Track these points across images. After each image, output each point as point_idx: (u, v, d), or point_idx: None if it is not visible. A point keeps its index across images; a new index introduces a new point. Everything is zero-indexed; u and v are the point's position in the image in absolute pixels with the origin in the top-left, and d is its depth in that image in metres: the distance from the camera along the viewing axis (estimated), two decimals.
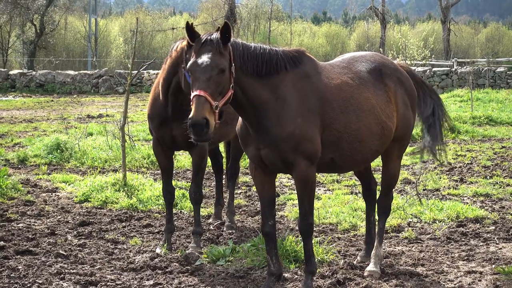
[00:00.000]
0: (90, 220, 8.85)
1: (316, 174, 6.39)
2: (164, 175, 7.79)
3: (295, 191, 10.78)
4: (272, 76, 5.78)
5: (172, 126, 7.37)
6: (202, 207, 9.50)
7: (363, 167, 6.98)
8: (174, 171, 12.50)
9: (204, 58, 5.48)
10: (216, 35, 5.59)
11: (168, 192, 7.81)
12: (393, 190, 7.00)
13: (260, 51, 5.79)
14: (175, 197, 9.70)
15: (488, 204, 9.87)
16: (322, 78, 6.02)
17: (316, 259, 6.95)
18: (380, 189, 6.98)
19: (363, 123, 6.11)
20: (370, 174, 7.28)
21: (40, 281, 6.35)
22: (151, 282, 6.46)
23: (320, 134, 5.86)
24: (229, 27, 5.55)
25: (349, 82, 6.18)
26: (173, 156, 12.99)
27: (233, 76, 5.56)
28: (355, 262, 6.95)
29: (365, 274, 6.58)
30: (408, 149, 7.92)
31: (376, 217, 7.03)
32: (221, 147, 9.84)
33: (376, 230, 6.87)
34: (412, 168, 12.96)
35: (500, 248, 7.61)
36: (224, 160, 9.64)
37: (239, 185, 11.02)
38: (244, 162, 12.16)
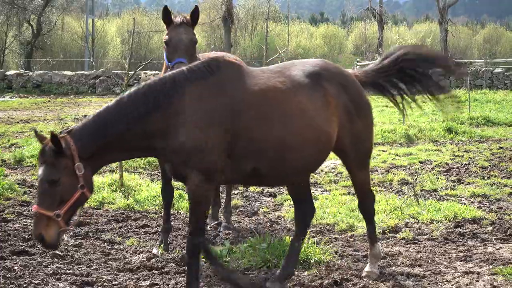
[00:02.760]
0: (87, 220, 8.83)
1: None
2: (164, 175, 7.77)
3: None
4: (161, 106, 5.44)
5: None
6: None
7: (301, 179, 6.39)
8: None
9: (39, 172, 5.32)
10: (48, 147, 5.29)
11: (167, 191, 7.79)
12: (370, 190, 6.61)
13: (132, 101, 5.44)
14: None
15: (486, 204, 9.86)
16: (242, 85, 5.68)
17: (313, 260, 6.96)
18: (356, 196, 6.82)
19: (291, 129, 5.69)
20: (305, 192, 6.52)
21: (36, 282, 6.33)
22: (148, 282, 6.44)
23: (231, 145, 5.50)
24: (57, 139, 5.21)
25: (277, 86, 5.79)
26: None
27: (79, 176, 5.30)
28: None
29: (363, 274, 6.56)
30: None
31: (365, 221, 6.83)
32: None
33: (368, 232, 6.77)
34: (409, 168, 12.95)
35: (498, 249, 7.60)
36: None
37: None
38: None
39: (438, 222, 8.72)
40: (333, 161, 13.64)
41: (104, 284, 6.37)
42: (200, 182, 5.47)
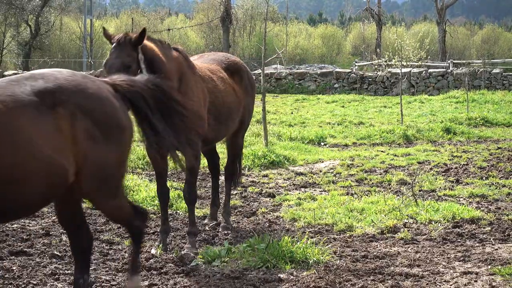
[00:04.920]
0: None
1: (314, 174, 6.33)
2: (159, 177, 7.76)
3: (291, 192, 10.80)
4: None
5: None
6: (198, 208, 9.48)
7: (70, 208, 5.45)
8: (169, 172, 12.47)
9: None
10: None
11: (163, 193, 7.78)
12: (124, 220, 5.65)
13: None
14: (170, 198, 9.69)
15: (484, 205, 9.86)
16: None
17: (312, 260, 6.96)
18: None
19: (17, 159, 4.69)
20: (79, 218, 5.51)
21: (35, 282, 6.32)
22: (146, 283, 6.43)
23: None
24: None
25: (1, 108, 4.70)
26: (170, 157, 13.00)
27: None
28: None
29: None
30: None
31: None
32: (221, 147, 9.81)
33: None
34: (408, 169, 12.95)
35: (496, 249, 7.60)
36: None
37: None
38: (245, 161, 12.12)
39: (436, 222, 8.72)
40: (331, 162, 13.65)
41: (103, 284, 6.36)
42: None
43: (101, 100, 5.14)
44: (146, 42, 7.08)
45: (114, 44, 6.95)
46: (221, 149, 11.91)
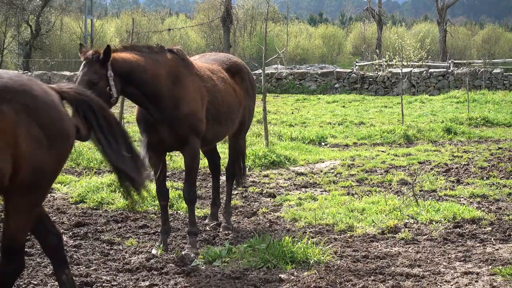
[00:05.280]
0: (86, 221, 8.83)
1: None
2: (157, 177, 7.75)
3: (292, 192, 10.80)
4: None
5: (158, 129, 7.33)
6: (199, 208, 9.49)
7: None
8: (170, 172, 12.48)
9: None
10: None
11: (162, 193, 7.77)
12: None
13: None
14: (171, 198, 9.71)
15: (485, 205, 9.86)
16: None
17: (313, 260, 6.96)
18: None
19: None
20: (45, 226, 5.26)
21: (35, 282, 6.32)
22: (147, 283, 6.43)
23: None
24: None
25: None
26: (170, 157, 13.00)
27: None
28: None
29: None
30: None
31: None
32: (222, 147, 9.81)
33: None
34: (408, 169, 12.95)
35: (497, 249, 7.60)
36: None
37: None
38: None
39: (437, 222, 8.72)
40: (332, 162, 13.65)
41: (103, 284, 6.36)
42: None
43: (46, 104, 4.91)
44: (121, 55, 7.05)
45: (83, 61, 6.96)
46: (222, 149, 11.93)
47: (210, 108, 7.68)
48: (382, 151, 15.25)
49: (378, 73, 35.23)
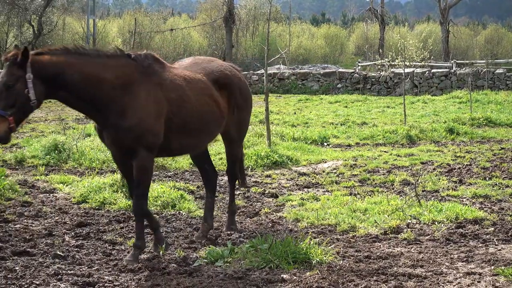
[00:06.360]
0: (88, 221, 8.82)
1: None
2: (127, 183, 7.56)
3: (294, 193, 10.80)
4: None
5: (104, 135, 7.11)
6: (200, 208, 9.46)
7: None
8: (172, 172, 12.48)
9: None
10: None
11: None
12: None
13: None
14: (173, 197, 9.70)
15: (487, 205, 9.84)
16: None
17: (315, 260, 6.95)
18: None
19: None
20: None
21: (38, 282, 6.32)
22: (149, 283, 6.43)
23: None
24: None
25: None
26: (171, 158, 12.96)
27: None
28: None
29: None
30: None
31: None
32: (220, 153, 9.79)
33: None
34: (411, 169, 12.94)
35: (500, 250, 7.59)
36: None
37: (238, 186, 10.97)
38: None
39: (439, 222, 8.71)
40: (334, 162, 13.64)
41: (106, 284, 6.36)
42: None
43: None
44: (46, 57, 6.75)
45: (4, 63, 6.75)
46: (223, 148, 11.90)
47: (172, 118, 7.26)
48: (385, 151, 15.24)
49: (381, 73, 35.23)
